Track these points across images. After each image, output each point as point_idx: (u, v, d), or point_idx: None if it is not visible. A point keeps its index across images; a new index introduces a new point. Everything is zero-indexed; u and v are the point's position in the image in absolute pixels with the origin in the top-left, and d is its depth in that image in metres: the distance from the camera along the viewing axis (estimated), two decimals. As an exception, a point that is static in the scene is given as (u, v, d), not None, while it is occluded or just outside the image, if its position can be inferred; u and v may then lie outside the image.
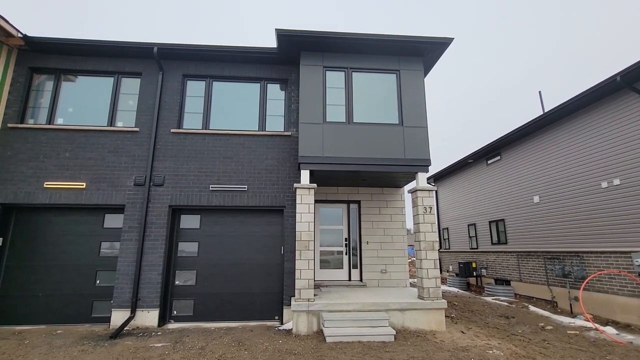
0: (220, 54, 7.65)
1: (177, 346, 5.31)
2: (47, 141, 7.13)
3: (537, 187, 10.32)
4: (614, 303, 7.62)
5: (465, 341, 5.61)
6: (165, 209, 7.04)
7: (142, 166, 7.19)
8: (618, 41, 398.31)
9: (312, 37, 7.00)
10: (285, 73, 7.97)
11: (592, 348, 5.53)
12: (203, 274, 7.12)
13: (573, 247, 8.86)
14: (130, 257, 6.74)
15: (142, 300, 6.58)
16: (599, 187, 8.16)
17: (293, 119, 7.71)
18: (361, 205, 8.79)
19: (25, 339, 5.65)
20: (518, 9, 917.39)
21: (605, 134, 8.05)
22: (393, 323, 6.10)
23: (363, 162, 6.92)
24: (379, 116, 7.27)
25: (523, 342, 5.76)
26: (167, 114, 7.49)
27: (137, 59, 7.69)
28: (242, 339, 5.67)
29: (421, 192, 6.87)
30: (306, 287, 6.25)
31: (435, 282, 6.44)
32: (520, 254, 11.03)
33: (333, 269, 8.59)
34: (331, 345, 5.33)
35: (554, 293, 9.37)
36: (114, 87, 7.68)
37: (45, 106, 7.49)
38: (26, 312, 6.63)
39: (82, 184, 6.99)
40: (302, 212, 6.57)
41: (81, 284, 6.83)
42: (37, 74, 7.66)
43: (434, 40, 7.14)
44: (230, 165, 7.37)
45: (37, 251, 6.89)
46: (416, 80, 7.43)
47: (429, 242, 6.60)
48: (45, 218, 7.06)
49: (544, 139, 10.09)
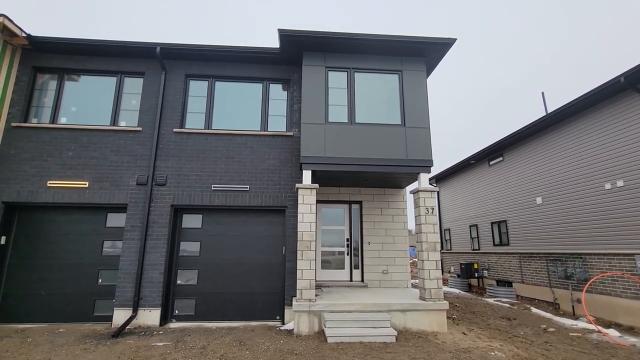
0: (222, 54, 7.67)
1: (178, 345, 5.32)
2: (50, 140, 7.17)
3: (540, 188, 10.28)
4: (617, 305, 7.58)
5: (467, 342, 5.59)
6: (167, 209, 7.06)
7: (145, 165, 7.21)
8: (618, 42, 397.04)
9: (314, 37, 7.00)
10: (288, 73, 7.97)
11: (595, 350, 5.50)
12: (205, 273, 7.13)
13: (575, 249, 8.82)
14: (133, 256, 6.76)
15: (144, 299, 6.60)
16: (602, 188, 8.12)
17: (295, 119, 7.71)
18: (363, 206, 8.78)
19: (27, 337, 5.67)
20: (521, 10, 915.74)
21: (609, 135, 8.01)
22: (394, 324, 6.09)
23: (365, 162, 6.91)
24: (381, 117, 7.26)
25: (525, 344, 5.74)
26: (169, 113, 7.51)
27: (140, 59, 7.71)
28: (243, 339, 5.67)
29: (423, 193, 6.86)
30: (307, 287, 6.25)
31: (437, 283, 6.42)
32: (523, 256, 10.99)
33: (334, 269, 8.58)
34: (332, 345, 5.33)
35: (556, 295, 9.33)
36: (117, 86, 7.71)
37: (49, 105, 7.53)
38: (29, 310, 6.66)
39: (85, 183, 7.01)
40: (304, 212, 6.57)
41: (83, 282, 6.86)
42: (40, 74, 7.70)
43: (436, 40, 7.13)
44: (232, 165, 7.38)
45: (39, 250, 6.93)
46: (418, 80, 7.42)
47: (431, 243, 6.59)
48: (48, 217, 7.09)
49: (546, 140, 10.05)
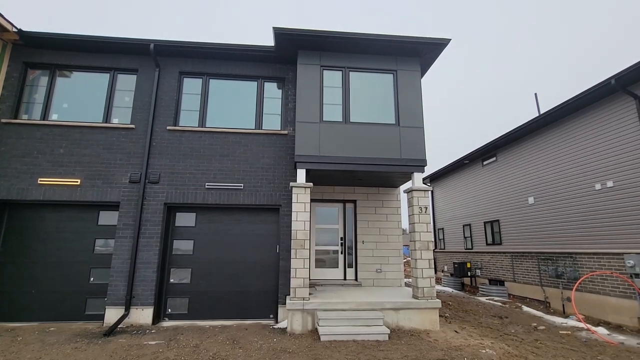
0: (217, 51, 7.62)
1: (171, 344, 5.30)
2: (41, 137, 7.07)
3: (532, 188, 10.40)
4: (606, 304, 7.70)
5: (458, 340, 5.64)
6: (160, 207, 7.01)
7: (138, 163, 7.15)
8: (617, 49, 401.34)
9: (309, 35, 7.00)
10: (283, 71, 7.96)
11: (584, 348, 5.59)
12: (198, 272, 7.10)
13: (566, 248, 8.95)
14: (125, 255, 6.71)
15: (136, 297, 6.55)
16: (593, 188, 8.24)
17: (290, 117, 7.70)
18: (357, 205, 8.81)
19: (18, 336, 5.61)
20: (520, 12, 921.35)
21: (600, 136, 8.12)
22: (387, 322, 6.13)
23: (359, 161, 6.93)
24: (375, 116, 7.28)
25: (516, 341, 5.81)
26: (163, 111, 7.46)
27: (134, 56, 7.64)
28: (236, 337, 5.66)
29: (417, 192, 6.90)
30: (301, 285, 6.26)
31: (430, 282, 6.47)
32: (515, 255, 11.11)
33: (328, 268, 8.60)
34: (326, 344, 5.34)
35: (547, 293, 9.45)
36: (110, 83, 7.63)
37: (40, 102, 7.43)
38: (19, 308, 6.58)
39: (77, 181, 6.94)
40: (298, 211, 6.57)
41: (75, 281, 6.79)
42: (31, 69, 7.59)
43: (431, 40, 7.16)
44: (226, 164, 7.36)
45: (30, 248, 6.84)
46: (413, 80, 7.45)
47: (424, 242, 6.64)
48: (39, 214, 7.01)
49: (539, 140, 10.16)
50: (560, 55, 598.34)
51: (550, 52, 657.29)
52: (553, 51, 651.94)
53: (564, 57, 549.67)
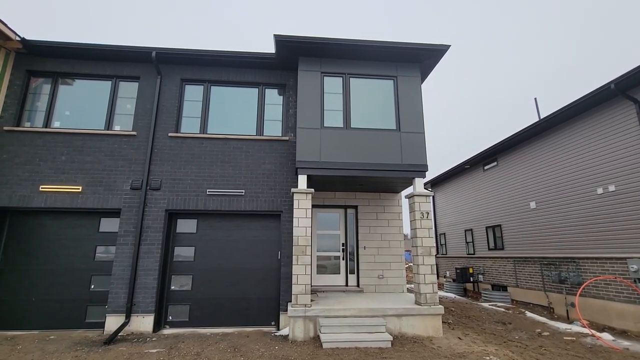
0: (218, 58, 7.68)
1: (172, 352, 5.26)
2: (43, 144, 7.10)
3: (534, 193, 10.38)
4: (610, 309, 7.63)
5: (462, 347, 5.59)
6: (161, 213, 7.01)
7: (139, 170, 7.16)
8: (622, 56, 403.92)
9: (310, 42, 7.05)
10: (284, 78, 8.00)
11: (589, 354, 5.53)
12: (199, 279, 7.07)
13: (569, 253, 8.90)
14: (126, 262, 6.69)
15: (137, 305, 6.51)
16: (595, 193, 8.22)
17: (291, 123, 7.73)
18: (358, 210, 8.79)
19: (18, 345, 5.57)
20: (521, 15, 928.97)
21: (601, 141, 8.13)
22: (390, 329, 6.08)
23: (360, 167, 6.93)
24: (376, 122, 7.30)
25: (520, 348, 5.75)
26: (164, 118, 7.49)
27: (136, 63, 7.70)
28: (238, 345, 5.61)
29: (418, 198, 6.89)
30: (303, 292, 6.22)
31: (432, 288, 6.43)
32: (517, 260, 11.05)
33: (330, 274, 8.55)
34: (328, 351, 5.29)
35: (551, 299, 9.38)
36: (112, 90, 7.68)
37: (42, 109, 7.47)
38: (19, 317, 6.54)
39: (78, 188, 6.95)
40: (299, 217, 6.56)
41: (75, 288, 6.76)
42: (34, 77, 7.65)
43: (431, 47, 7.21)
44: (227, 170, 7.36)
45: (31, 255, 6.82)
46: (413, 86, 7.48)
47: (426, 248, 6.61)
48: (40, 222, 7.00)
49: (540, 145, 10.17)
50: (561, 58, 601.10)
51: (551, 58, 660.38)
52: (553, 56, 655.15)
53: (566, 61, 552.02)
